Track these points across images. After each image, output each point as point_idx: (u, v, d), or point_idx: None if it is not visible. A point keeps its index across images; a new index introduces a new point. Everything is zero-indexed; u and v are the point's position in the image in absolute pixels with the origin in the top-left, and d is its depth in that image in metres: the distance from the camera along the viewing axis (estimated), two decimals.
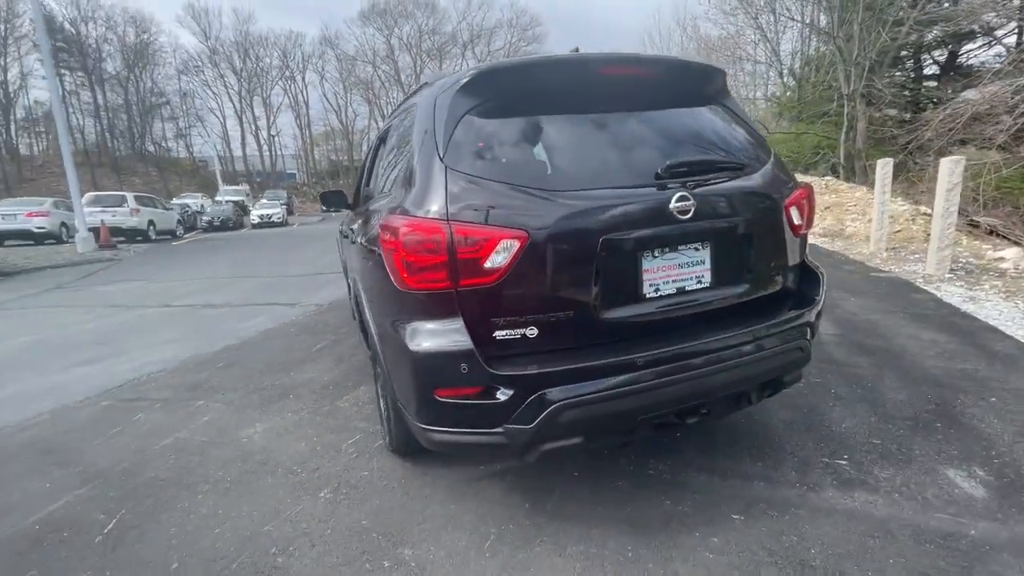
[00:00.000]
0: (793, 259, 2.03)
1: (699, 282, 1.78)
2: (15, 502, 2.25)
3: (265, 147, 50.96)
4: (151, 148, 46.04)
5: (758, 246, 1.88)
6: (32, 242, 14.03)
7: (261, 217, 25.47)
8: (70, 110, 41.17)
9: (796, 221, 2.00)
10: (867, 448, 2.26)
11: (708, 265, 1.79)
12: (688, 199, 1.67)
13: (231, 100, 48.21)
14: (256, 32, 50.60)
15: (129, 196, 15.53)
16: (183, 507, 2.13)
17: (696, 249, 1.76)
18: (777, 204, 1.92)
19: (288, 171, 53.51)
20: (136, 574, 1.78)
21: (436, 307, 1.57)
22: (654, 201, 1.64)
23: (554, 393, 1.51)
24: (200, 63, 45.85)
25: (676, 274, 1.73)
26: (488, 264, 1.50)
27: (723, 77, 2.10)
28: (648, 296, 1.69)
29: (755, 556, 1.68)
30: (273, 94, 49.40)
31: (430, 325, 1.57)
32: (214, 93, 47.64)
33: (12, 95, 40.10)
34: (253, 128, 49.95)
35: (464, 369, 1.49)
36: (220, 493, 2.22)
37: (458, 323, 1.54)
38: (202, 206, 27.00)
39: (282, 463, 2.42)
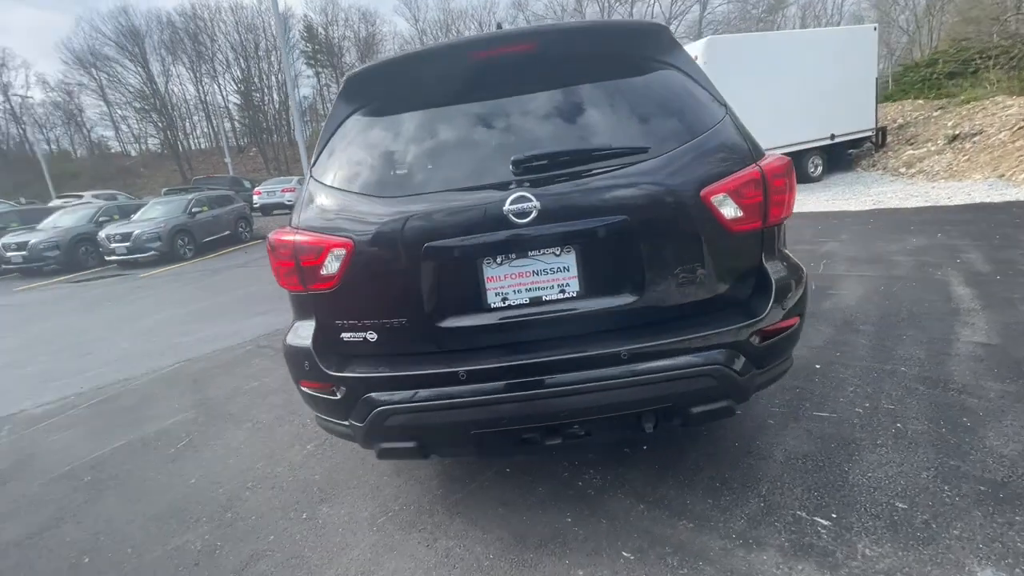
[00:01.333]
0: (729, 262, 1.58)
1: (563, 292, 1.54)
2: (148, 415, 3.26)
3: None
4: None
5: (653, 249, 1.52)
6: (288, 212, 18.49)
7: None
8: (325, 101, 51.26)
9: (730, 214, 1.53)
10: (876, 512, 1.68)
11: (575, 273, 1.53)
12: (528, 199, 1.45)
13: None
14: (455, 8, 54.51)
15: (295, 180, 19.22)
16: (227, 437, 2.81)
17: (555, 255, 1.52)
18: (686, 196, 1.50)
19: None
20: (173, 478, 2.47)
21: (300, 308, 1.73)
22: (487, 204, 1.47)
23: (380, 397, 1.55)
24: (412, 44, 51.84)
25: (531, 282, 1.54)
26: (324, 271, 1.58)
27: (660, 34, 1.67)
28: (494, 306, 1.55)
29: None
30: None
31: (297, 323, 1.74)
32: None
33: (287, 93, 51.65)
34: None
35: (307, 366, 1.64)
36: (253, 431, 2.85)
37: (311, 324, 1.68)
38: None
39: (304, 414, 2.94)
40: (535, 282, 1.53)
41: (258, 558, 1.85)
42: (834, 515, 1.70)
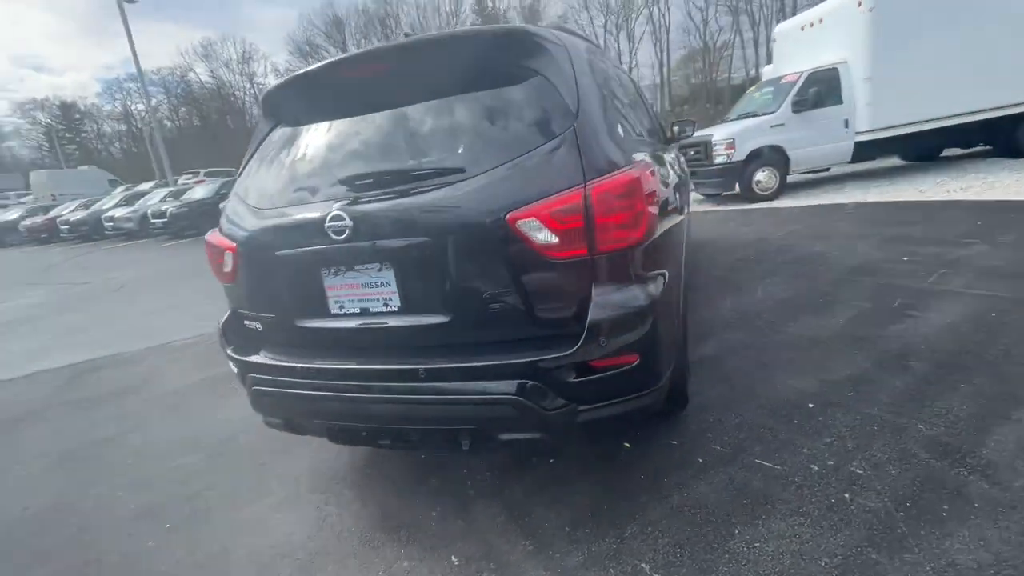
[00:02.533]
0: (546, 291, 1.45)
1: (386, 306, 1.59)
2: None
3: None
4: None
5: (462, 272, 1.47)
6: None
7: None
8: None
9: (542, 240, 1.40)
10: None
11: (395, 288, 1.56)
12: (342, 218, 1.52)
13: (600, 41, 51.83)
14: None
15: None
16: None
17: (378, 270, 1.57)
18: (492, 219, 1.40)
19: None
20: (183, 427, 3.15)
21: (226, 296, 2.08)
22: (314, 220, 1.58)
23: (256, 377, 1.83)
24: (576, 9, 50.67)
25: (361, 294, 1.62)
26: (226, 268, 1.88)
27: (522, 39, 1.54)
28: (334, 312, 1.67)
29: None
30: (636, 25, 50.15)
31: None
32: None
33: None
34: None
35: (221, 344, 1.98)
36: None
37: (228, 311, 2.02)
38: None
39: None
40: (364, 294, 1.63)
41: (211, 485, 2.35)
42: None
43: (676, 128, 4.04)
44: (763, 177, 7.75)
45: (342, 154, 1.70)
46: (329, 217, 1.56)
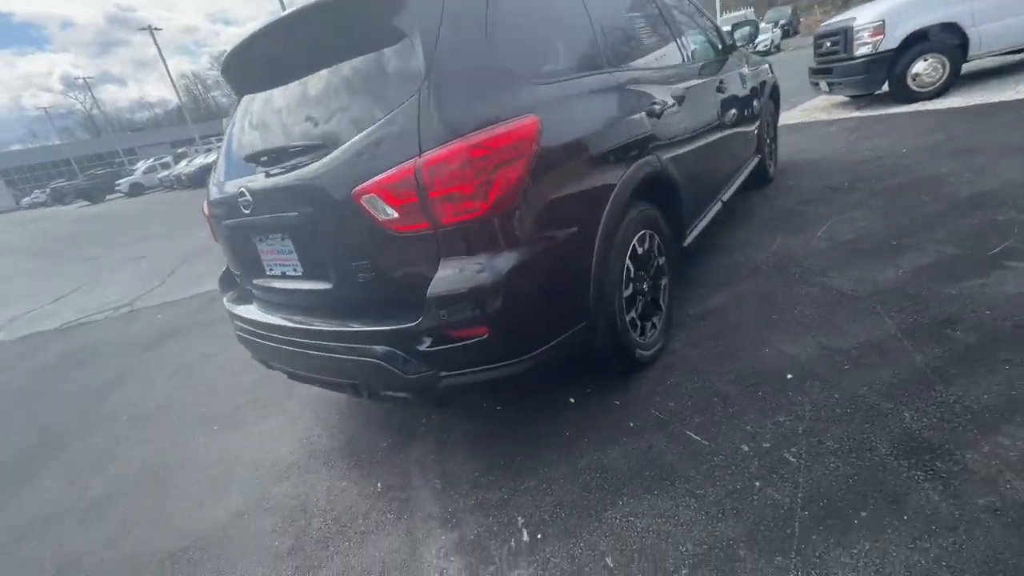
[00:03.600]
0: (399, 264, 1.46)
1: (295, 271, 1.75)
2: None
3: None
4: None
5: (331, 244, 1.55)
6: None
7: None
8: None
9: (384, 215, 1.39)
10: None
11: (296, 256, 1.71)
12: (244, 194, 1.67)
13: None
14: None
15: None
16: None
17: (281, 239, 1.72)
18: (342, 195, 1.42)
19: None
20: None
21: None
22: (232, 194, 1.76)
23: (234, 322, 2.20)
24: None
25: (280, 259, 1.79)
26: (211, 232, 2.22)
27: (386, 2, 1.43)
28: (268, 274, 1.89)
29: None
30: None
31: None
32: None
33: None
34: None
35: (221, 293, 2.39)
36: None
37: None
38: None
39: None
40: (280, 259, 1.82)
41: (254, 400, 2.93)
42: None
43: (738, 33, 3.38)
44: (923, 69, 6.02)
45: (252, 130, 1.86)
46: (237, 193, 1.76)
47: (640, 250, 2.08)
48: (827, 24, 7.22)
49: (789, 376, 1.96)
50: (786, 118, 7.24)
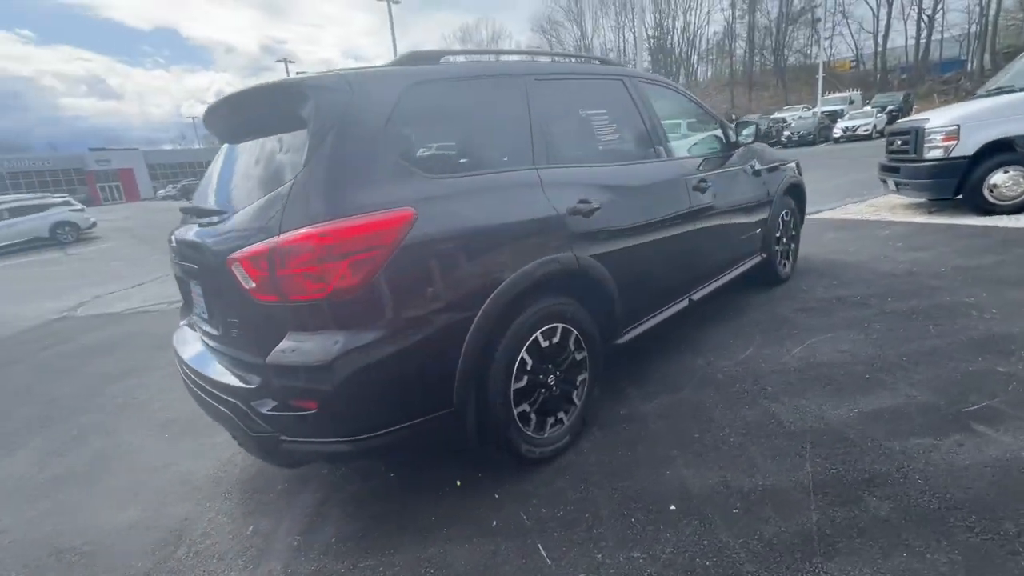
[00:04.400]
0: (259, 327, 1.56)
1: (203, 314, 1.92)
2: None
3: (924, 31, 41.27)
4: (791, 59, 47.33)
5: (219, 297, 1.69)
6: None
7: (844, 130, 22.96)
8: (734, 37, 47.99)
9: (245, 282, 1.51)
10: None
11: (204, 301, 1.88)
12: (172, 241, 1.88)
13: None
14: None
15: (683, 123, 18.26)
16: None
17: (197, 285, 1.90)
18: (221, 259, 1.57)
19: (951, 59, 41.45)
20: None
21: None
22: (172, 240, 1.99)
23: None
24: None
25: (199, 301, 1.98)
26: None
27: (296, 89, 1.61)
28: (195, 311, 2.09)
29: None
30: None
31: None
32: None
33: (696, 32, 50.80)
34: (905, 11, 41.15)
35: None
36: None
37: None
38: (793, 118, 26.75)
39: None
40: (200, 301, 2.01)
41: None
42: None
43: (744, 130, 3.32)
44: (1003, 180, 5.45)
45: (204, 182, 2.09)
46: (174, 240, 1.99)
47: (545, 343, 2.05)
48: (902, 121, 6.81)
49: (672, 507, 1.82)
50: (847, 212, 6.83)
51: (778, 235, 3.87)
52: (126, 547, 2.03)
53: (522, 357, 1.96)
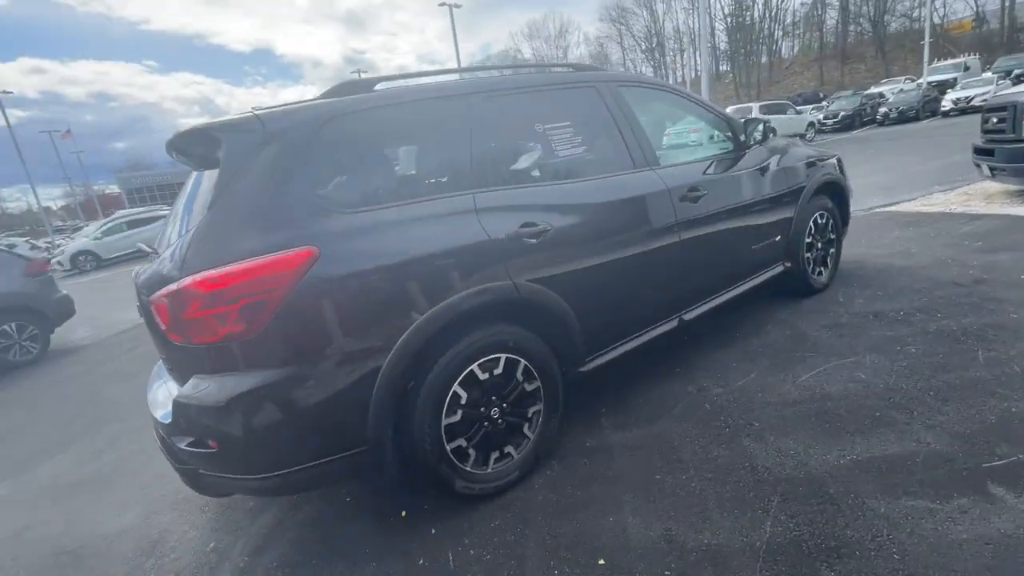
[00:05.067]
0: (180, 361, 1.62)
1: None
2: None
3: None
4: (893, 25, 42.25)
5: (154, 335, 1.77)
6: None
7: (955, 101, 20.17)
8: (826, 7, 43.72)
9: (160, 322, 1.56)
10: None
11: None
12: (133, 275, 2.01)
13: None
14: None
15: (755, 107, 16.87)
16: None
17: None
18: (146, 296, 1.64)
19: None
20: None
21: None
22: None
23: None
24: None
25: None
26: None
27: (212, 133, 1.65)
28: None
29: None
30: None
31: None
32: None
33: (779, 4, 46.87)
34: None
35: None
36: None
37: None
38: (892, 92, 23.95)
39: None
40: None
41: None
42: None
43: (753, 129, 3.00)
44: None
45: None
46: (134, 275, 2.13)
47: (484, 376, 1.97)
48: (999, 94, 5.79)
49: (601, 562, 1.67)
50: (930, 202, 5.97)
51: (809, 241, 3.44)
52: (110, 553, 2.23)
53: (455, 391, 1.89)
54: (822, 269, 3.63)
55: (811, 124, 18.94)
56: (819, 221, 3.51)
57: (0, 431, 4.05)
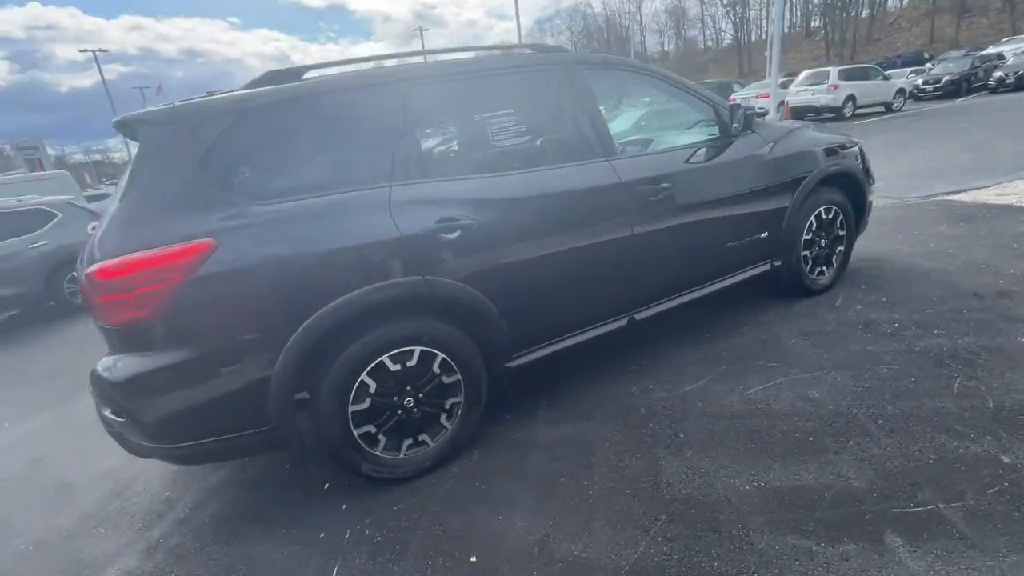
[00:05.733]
0: (104, 336, 1.79)
1: None
2: None
3: None
4: None
5: None
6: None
7: None
8: None
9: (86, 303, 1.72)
10: None
11: None
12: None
13: None
14: None
15: (833, 71, 15.13)
16: None
17: None
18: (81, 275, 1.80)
19: None
20: None
21: None
22: None
23: None
24: None
25: None
26: None
27: (130, 128, 1.74)
28: None
29: None
30: None
31: None
32: None
33: None
34: None
35: None
36: None
37: None
38: (1014, 53, 20.80)
39: None
40: None
41: None
42: None
43: (735, 118, 2.75)
44: None
45: None
46: None
47: (396, 367, 2.02)
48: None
49: (473, 559, 1.72)
50: (1003, 192, 5.24)
51: (809, 238, 3.16)
52: (92, 490, 2.54)
53: (363, 380, 1.96)
54: (824, 269, 3.33)
55: (900, 91, 16.73)
56: (824, 216, 3.20)
57: (53, 369, 4.64)
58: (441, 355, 2.10)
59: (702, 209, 2.64)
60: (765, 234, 2.95)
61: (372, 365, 1.97)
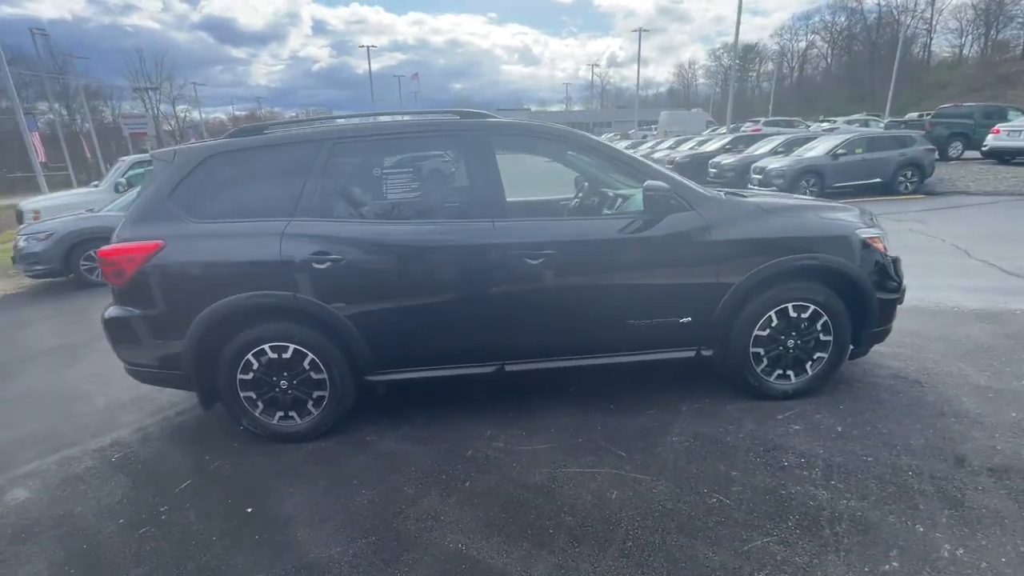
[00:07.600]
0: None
1: None
2: None
3: None
4: None
5: None
6: None
7: None
8: None
9: None
10: None
11: None
12: None
13: None
14: None
15: None
16: None
17: None
18: None
19: None
20: None
21: None
22: None
23: None
24: None
25: None
26: None
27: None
28: None
29: None
30: None
31: None
32: None
33: None
34: None
35: None
36: None
37: None
38: None
39: None
40: None
41: None
42: None
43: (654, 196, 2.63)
44: None
45: None
46: None
47: (273, 355, 2.65)
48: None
49: (249, 510, 2.28)
50: None
51: (765, 334, 2.76)
52: (88, 425, 3.80)
53: (248, 359, 2.66)
54: (791, 373, 2.86)
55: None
56: (793, 315, 2.75)
57: None
58: (311, 355, 2.67)
59: (590, 282, 2.64)
60: (687, 319, 2.72)
61: (256, 350, 2.65)
